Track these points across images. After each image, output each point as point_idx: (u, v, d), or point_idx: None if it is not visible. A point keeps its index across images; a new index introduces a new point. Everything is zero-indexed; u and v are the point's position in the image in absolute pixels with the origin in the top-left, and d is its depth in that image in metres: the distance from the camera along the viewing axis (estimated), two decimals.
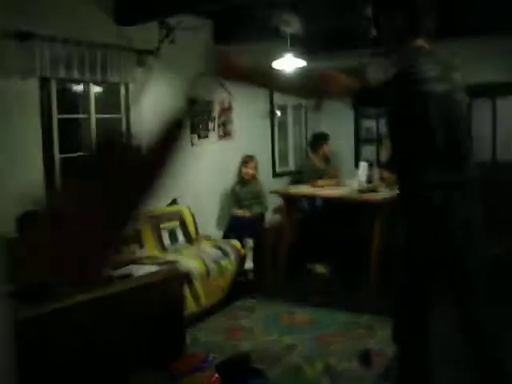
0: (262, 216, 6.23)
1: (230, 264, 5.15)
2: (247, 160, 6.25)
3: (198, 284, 4.74)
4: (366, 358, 3.93)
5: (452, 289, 2.53)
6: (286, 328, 4.60)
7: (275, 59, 5.16)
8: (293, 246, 6.07)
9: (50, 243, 1.80)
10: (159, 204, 5.57)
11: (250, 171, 6.23)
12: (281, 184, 7.23)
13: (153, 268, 4.55)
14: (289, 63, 5.03)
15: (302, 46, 5.23)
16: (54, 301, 2.46)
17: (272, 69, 2.36)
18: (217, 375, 2.38)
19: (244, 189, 6.25)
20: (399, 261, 2.61)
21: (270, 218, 6.61)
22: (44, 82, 4.54)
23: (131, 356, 2.32)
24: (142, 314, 2.39)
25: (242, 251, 5.48)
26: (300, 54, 5.12)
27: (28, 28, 4.31)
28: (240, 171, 6.31)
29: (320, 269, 6.12)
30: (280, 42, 5.08)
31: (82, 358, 2.16)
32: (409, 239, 2.51)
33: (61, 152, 4.73)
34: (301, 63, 5.04)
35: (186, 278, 4.65)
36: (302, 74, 2.36)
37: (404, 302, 2.63)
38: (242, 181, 6.28)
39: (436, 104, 2.36)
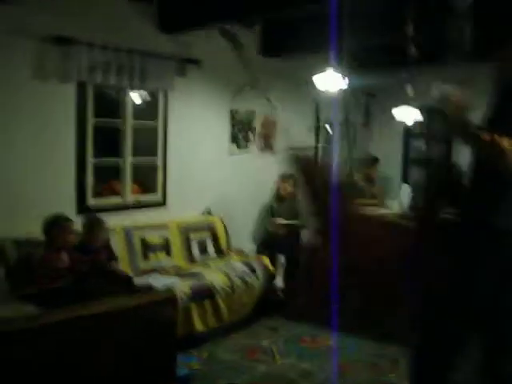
0: (297, 234, 6.05)
1: (256, 281, 5.03)
2: (286, 177, 6.09)
3: (220, 299, 4.65)
4: None
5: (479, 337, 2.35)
6: (307, 352, 4.44)
7: (316, 73, 5.02)
8: (329, 266, 5.88)
9: None
10: (192, 213, 5.54)
11: (288, 188, 6.06)
12: None
13: (174, 280, 4.52)
14: (330, 78, 4.88)
15: (344, 62, 5.08)
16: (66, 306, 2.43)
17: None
18: None
19: (282, 206, 6.09)
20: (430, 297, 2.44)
21: (308, 235, 6.44)
22: (81, 87, 4.57)
23: (118, 378, 2.25)
24: (130, 336, 2.31)
25: (272, 268, 5.35)
26: (341, 70, 4.97)
27: (67, 33, 4.35)
28: (278, 188, 6.16)
29: (355, 292, 5.90)
30: (323, 57, 4.95)
31: (65, 376, 2.10)
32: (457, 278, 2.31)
33: (95, 156, 4.76)
34: (341, 79, 4.88)
35: (208, 292, 4.57)
36: None
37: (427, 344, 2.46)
38: (280, 197, 6.12)
39: None
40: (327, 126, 7.36)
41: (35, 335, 2.08)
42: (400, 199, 5.89)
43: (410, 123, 6.25)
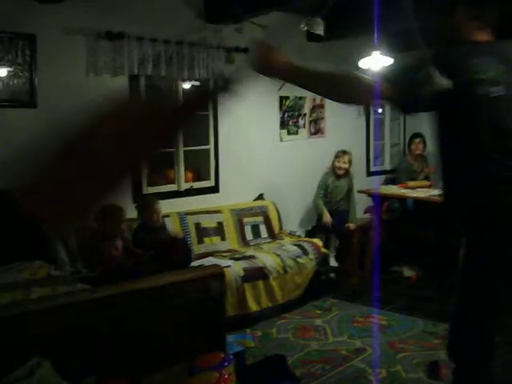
0: (347, 213, 6.06)
1: (308, 262, 5.12)
2: (340, 154, 6.07)
3: (273, 280, 4.78)
4: (433, 369, 3.78)
5: None
6: (359, 331, 4.51)
7: (362, 57, 5.06)
8: (381, 247, 5.93)
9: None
10: (244, 198, 5.70)
11: (344, 165, 6.03)
12: (375, 183, 7.08)
13: (229, 262, 4.68)
14: (376, 61, 4.91)
15: (389, 45, 5.10)
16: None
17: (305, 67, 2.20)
18: (227, 375, 2.40)
19: (336, 183, 6.08)
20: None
21: (361, 217, 6.48)
22: (133, 79, 4.77)
23: (171, 349, 2.41)
24: (181, 311, 2.47)
25: (324, 249, 5.42)
26: (387, 53, 4.98)
27: (118, 28, 4.55)
28: (333, 165, 6.15)
29: (407, 272, 5.94)
30: (368, 40, 4.98)
31: (118, 346, 2.28)
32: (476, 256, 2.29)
33: None
34: (388, 61, 4.91)
35: (262, 273, 4.71)
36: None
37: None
38: (335, 175, 6.10)
39: (488, 109, 2.16)
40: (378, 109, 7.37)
41: (92, 306, 2.27)
42: None
43: None
